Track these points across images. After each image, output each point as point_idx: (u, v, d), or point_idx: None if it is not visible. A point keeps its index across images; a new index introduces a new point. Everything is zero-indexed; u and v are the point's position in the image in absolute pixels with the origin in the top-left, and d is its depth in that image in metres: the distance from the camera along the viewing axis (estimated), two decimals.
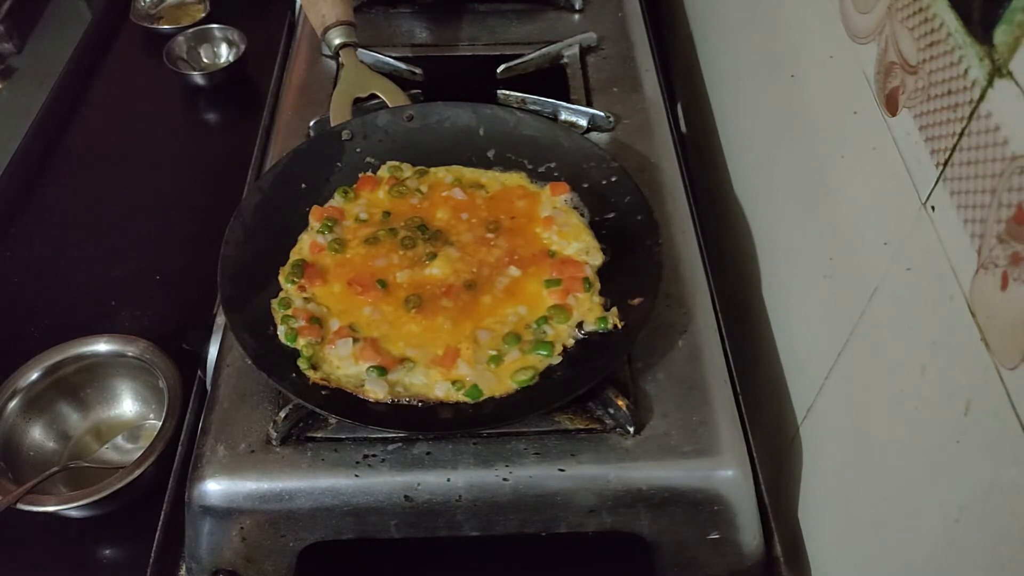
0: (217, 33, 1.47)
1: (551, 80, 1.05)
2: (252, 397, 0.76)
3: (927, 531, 0.56)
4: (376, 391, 0.73)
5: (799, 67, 0.83)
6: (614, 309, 0.78)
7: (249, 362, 0.73)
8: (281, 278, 0.81)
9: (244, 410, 0.75)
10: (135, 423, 0.99)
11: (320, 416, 0.73)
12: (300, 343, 0.76)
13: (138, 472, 0.86)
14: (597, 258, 0.83)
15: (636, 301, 0.77)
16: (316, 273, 0.81)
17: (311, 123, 0.98)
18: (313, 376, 0.74)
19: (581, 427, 0.73)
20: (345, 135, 0.92)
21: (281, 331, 0.77)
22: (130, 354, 0.96)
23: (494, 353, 0.75)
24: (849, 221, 0.70)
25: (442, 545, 0.81)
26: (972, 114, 0.51)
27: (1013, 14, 0.47)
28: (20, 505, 0.84)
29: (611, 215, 0.86)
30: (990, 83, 0.49)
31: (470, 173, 0.92)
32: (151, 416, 0.99)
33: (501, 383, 0.74)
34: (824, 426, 0.76)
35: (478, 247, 0.84)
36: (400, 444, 0.72)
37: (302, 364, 0.75)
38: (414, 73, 1.06)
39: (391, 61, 1.06)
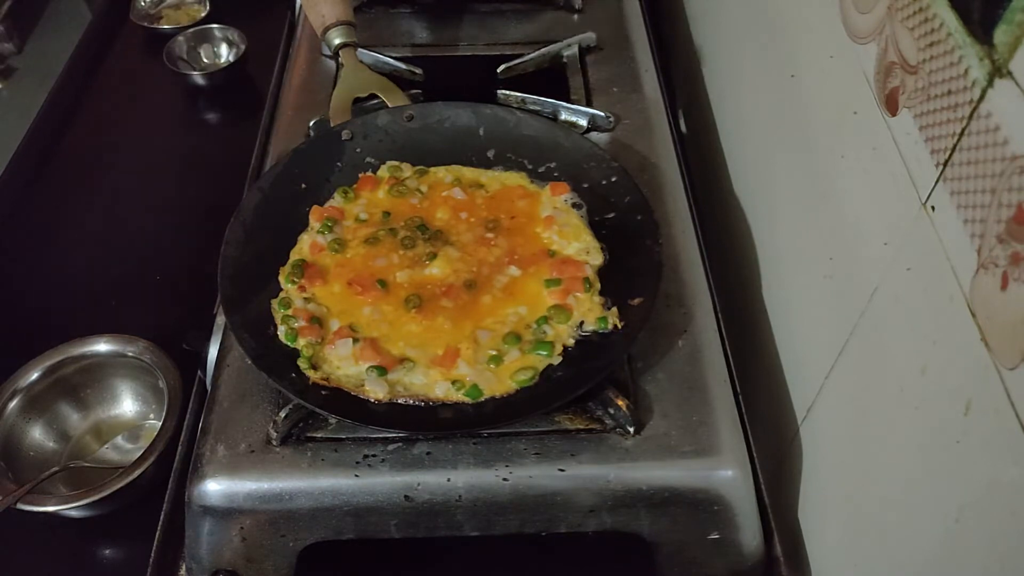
0: (217, 33, 1.47)
1: (551, 80, 1.05)
2: (252, 397, 0.76)
3: (927, 531, 0.56)
4: (376, 391, 0.73)
5: (799, 67, 0.83)
6: (614, 309, 0.78)
7: (249, 362, 0.73)
8: (281, 278, 0.81)
9: (244, 410, 0.75)
10: (135, 423, 0.99)
11: (320, 416, 0.73)
12: (300, 343, 0.76)
13: (138, 472, 0.86)
14: (597, 258, 0.83)
15: (636, 301, 0.77)
16: (316, 273, 0.81)
17: (311, 123, 0.98)
18: (313, 376, 0.74)
19: (581, 427, 0.73)
20: (345, 135, 0.92)
21: (281, 331, 0.77)
22: (130, 354, 0.96)
23: (494, 353, 0.75)
24: (849, 221, 0.70)
25: (442, 545, 0.81)
26: (972, 114, 0.51)
27: (1013, 14, 0.47)
28: (20, 505, 0.84)
29: (611, 215, 0.86)
30: (990, 83, 0.49)
31: (470, 173, 0.92)
32: (151, 416, 0.99)
33: (501, 383, 0.74)
34: (824, 426, 0.76)
35: (478, 247, 0.84)
36: (400, 444, 0.72)
37: (302, 364, 0.75)
38: (414, 73, 1.06)
39: (391, 61, 1.06)
